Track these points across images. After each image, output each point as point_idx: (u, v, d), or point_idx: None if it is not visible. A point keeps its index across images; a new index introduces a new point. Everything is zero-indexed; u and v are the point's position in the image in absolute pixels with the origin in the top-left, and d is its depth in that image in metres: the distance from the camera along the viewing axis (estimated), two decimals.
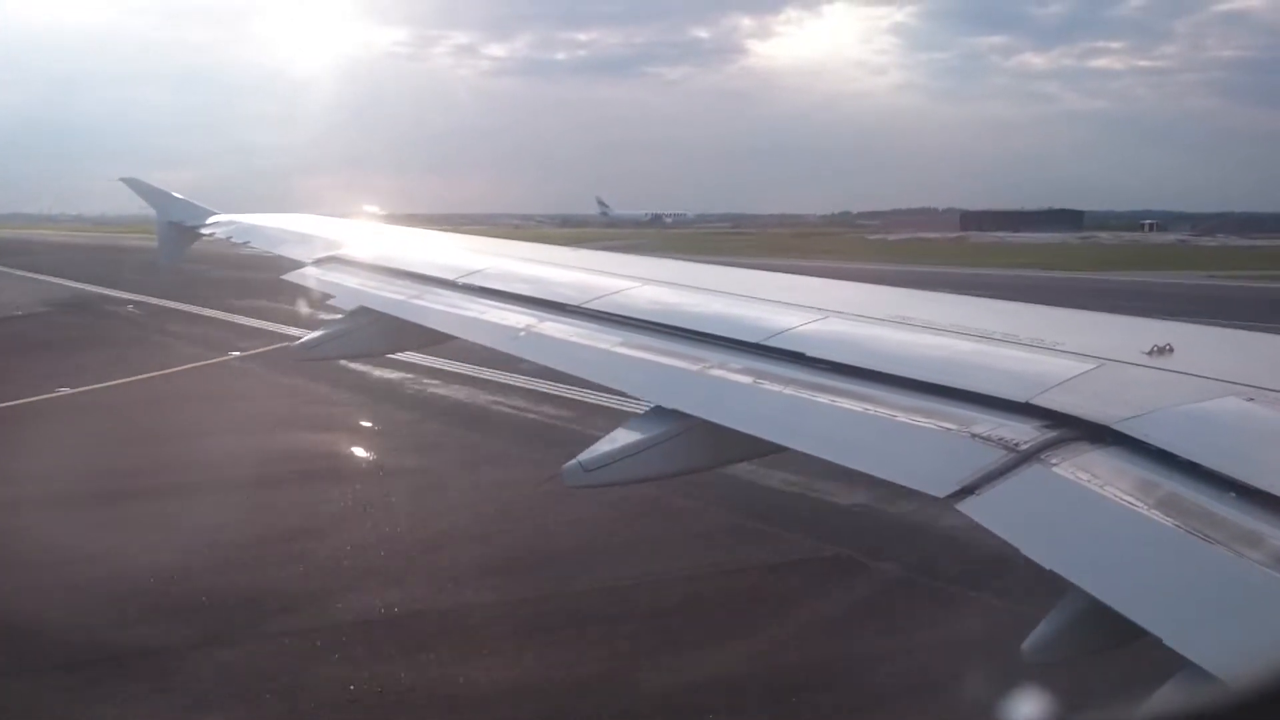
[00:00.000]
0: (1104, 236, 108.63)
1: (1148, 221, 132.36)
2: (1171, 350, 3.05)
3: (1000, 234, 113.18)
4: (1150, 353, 3.04)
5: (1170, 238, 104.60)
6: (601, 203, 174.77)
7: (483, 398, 16.93)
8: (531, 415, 15.66)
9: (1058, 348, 3.26)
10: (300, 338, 6.16)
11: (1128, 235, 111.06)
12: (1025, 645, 2.32)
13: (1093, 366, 3.01)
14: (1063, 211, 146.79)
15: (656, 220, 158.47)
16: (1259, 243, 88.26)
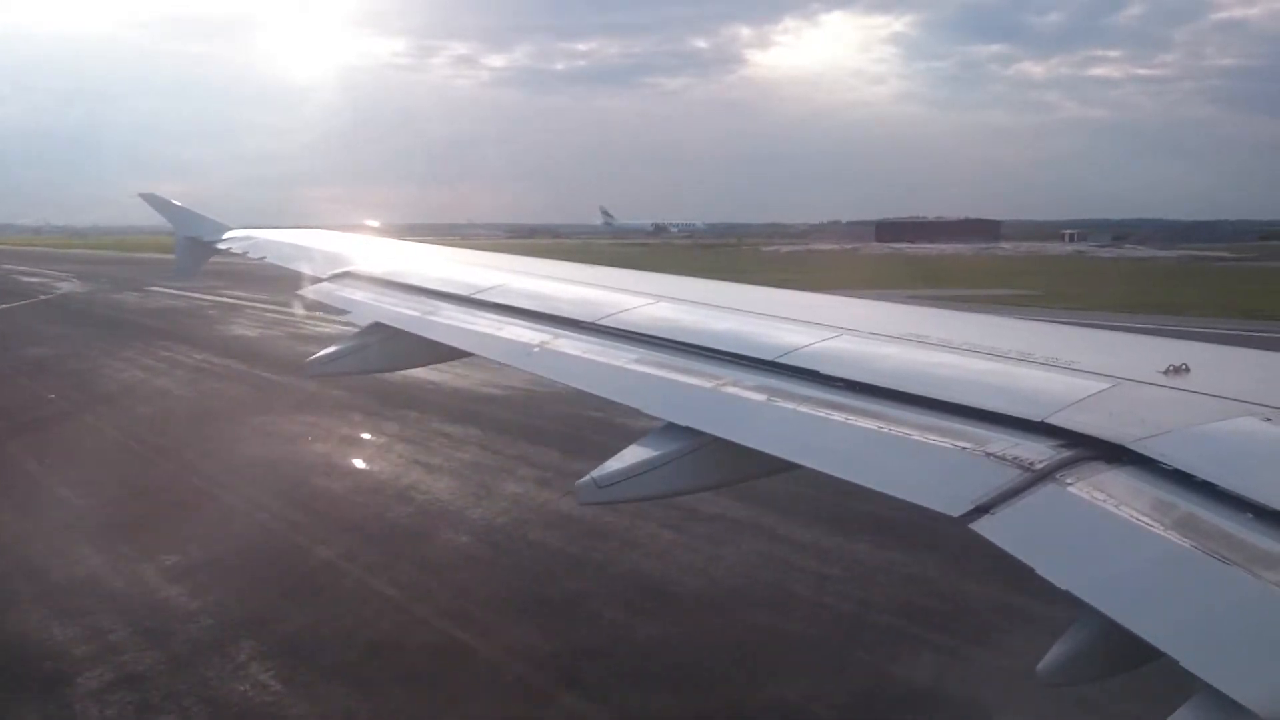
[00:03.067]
0: (1005, 247, 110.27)
1: (1068, 231, 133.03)
2: (1188, 369, 3.04)
3: (898, 245, 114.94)
4: (1166, 372, 3.04)
5: (1068, 249, 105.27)
6: (606, 213, 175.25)
7: None
8: None
9: (1073, 366, 3.25)
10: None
11: (1026, 246, 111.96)
12: (1040, 667, 2.31)
13: (1108, 385, 3.00)
14: (980, 221, 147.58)
15: (660, 230, 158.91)
16: (1161, 254, 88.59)
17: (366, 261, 7.61)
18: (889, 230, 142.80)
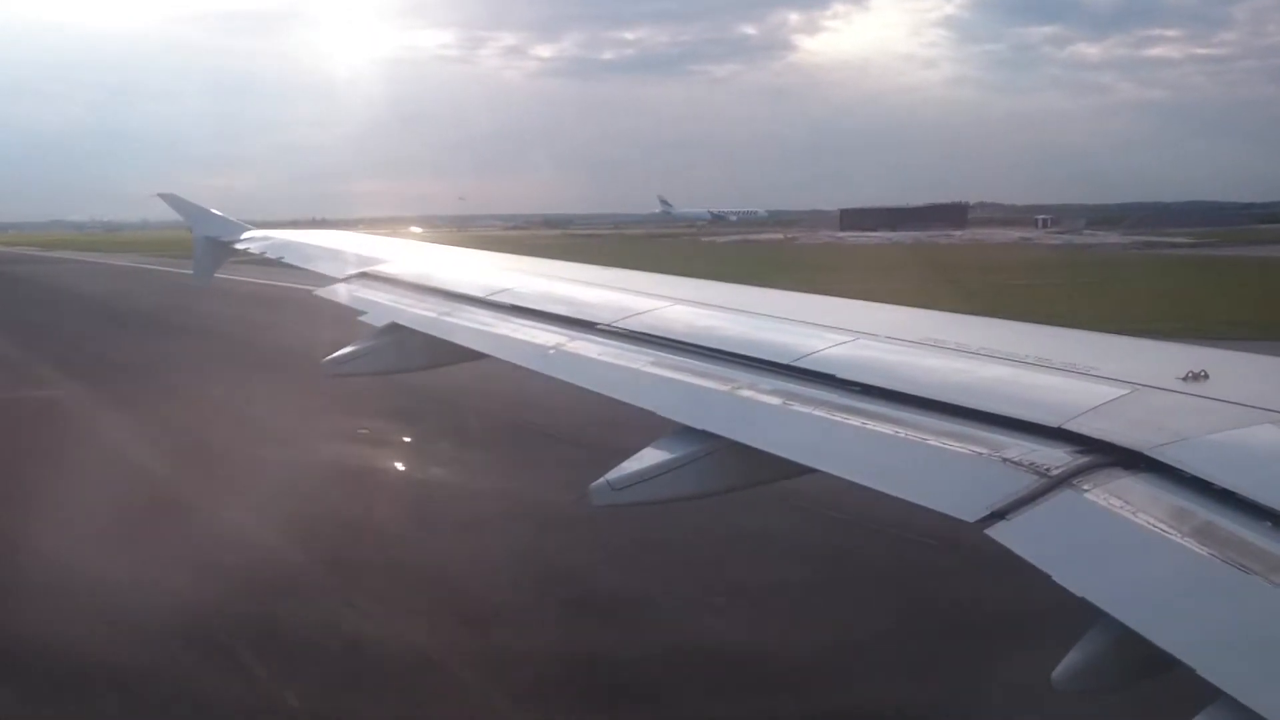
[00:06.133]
0: (955, 234, 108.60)
1: (1041, 216, 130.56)
2: (1207, 376, 3.02)
3: (842, 234, 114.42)
4: (1185, 378, 3.01)
5: (1014, 235, 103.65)
6: (664, 201, 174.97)
7: None
8: None
9: (1091, 372, 3.23)
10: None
11: (974, 233, 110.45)
12: (1055, 674, 2.30)
13: (1126, 392, 2.98)
14: (947, 206, 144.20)
15: (719, 219, 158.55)
16: (1112, 240, 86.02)
17: (384, 262, 7.64)
18: (853, 218, 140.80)
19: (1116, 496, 2.42)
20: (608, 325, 4.72)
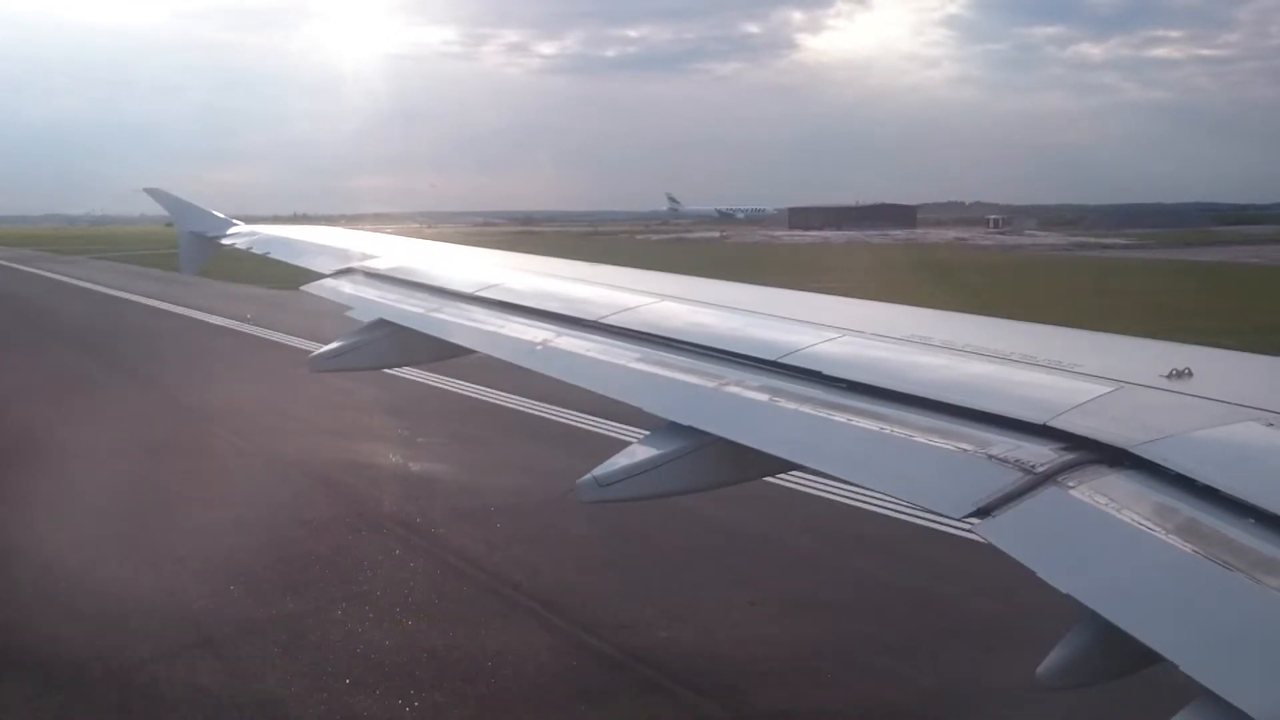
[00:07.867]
0: (896, 233, 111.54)
1: (992, 217, 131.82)
2: (1191, 374, 3.03)
3: (779, 233, 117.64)
4: (1169, 376, 3.03)
5: (950, 235, 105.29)
6: (672, 199, 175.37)
7: None
8: None
9: (1076, 370, 3.24)
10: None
11: (909, 233, 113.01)
12: (1040, 670, 2.31)
13: (1111, 389, 2.99)
14: (898, 207, 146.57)
15: (726, 216, 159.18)
16: (1049, 241, 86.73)
17: (372, 258, 7.60)
18: (801, 217, 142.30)
19: (1101, 493, 2.43)
20: (596, 321, 4.72)
